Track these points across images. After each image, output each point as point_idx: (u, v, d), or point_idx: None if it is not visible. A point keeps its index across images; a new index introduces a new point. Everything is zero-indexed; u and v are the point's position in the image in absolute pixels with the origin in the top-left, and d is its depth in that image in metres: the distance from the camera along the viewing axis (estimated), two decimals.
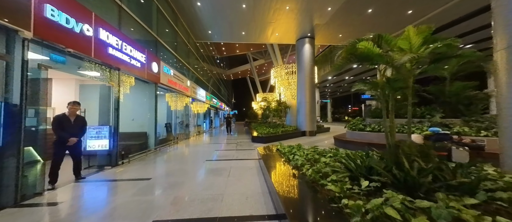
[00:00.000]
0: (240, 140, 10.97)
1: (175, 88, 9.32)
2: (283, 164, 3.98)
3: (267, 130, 11.43)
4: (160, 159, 6.20)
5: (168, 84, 8.52)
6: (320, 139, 11.14)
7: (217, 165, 5.43)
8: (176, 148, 8.24)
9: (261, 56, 34.58)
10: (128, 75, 5.84)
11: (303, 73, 13.03)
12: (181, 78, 10.26)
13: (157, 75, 7.50)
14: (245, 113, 48.62)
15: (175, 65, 10.40)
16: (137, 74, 6.15)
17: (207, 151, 7.56)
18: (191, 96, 12.23)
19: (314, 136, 12.65)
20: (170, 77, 8.76)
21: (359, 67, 18.70)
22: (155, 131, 7.46)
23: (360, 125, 7.84)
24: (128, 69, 5.67)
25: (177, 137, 10.42)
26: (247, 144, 9.39)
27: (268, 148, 6.10)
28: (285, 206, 2.10)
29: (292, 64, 14.90)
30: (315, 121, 13.07)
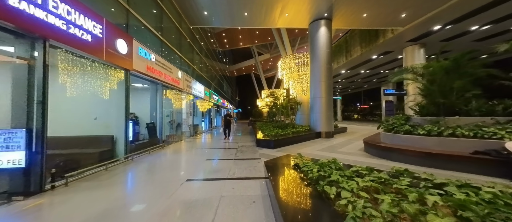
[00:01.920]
0: (242, 143, 8.95)
1: (158, 78, 7.35)
2: (314, 203, 1.93)
3: (275, 131, 9.35)
4: (120, 178, 4.23)
5: (147, 72, 6.56)
6: (341, 142, 8.97)
7: (201, 191, 3.41)
8: (156, 157, 6.29)
9: (266, 50, 32.44)
10: (69, 51, 3.88)
11: (318, 63, 10.85)
12: (168, 68, 8.29)
13: (127, 59, 5.52)
14: (249, 111, 46.67)
15: (162, 52, 8.43)
16: (87, 52, 4.19)
17: (195, 162, 5.56)
18: (184, 90, 10.28)
19: (332, 138, 10.49)
20: (151, 64, 6.79)
21: (380, 57, 16.32)
22: (126, 134, 5.52)
23: (406, 127, 5.65)
24: (66, 41, 3.70)
25: (165, 140, 8.47)
26: (250, 149, 7.35)
27: (280, 162, 4.05)
28: None
29: (304, 53, 12.72)
30: (332, 121, 10.90)
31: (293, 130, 9.86)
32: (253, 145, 8.28)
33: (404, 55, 13.95)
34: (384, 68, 19.95)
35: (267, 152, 6.85)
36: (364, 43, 14.56)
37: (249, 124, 22.59)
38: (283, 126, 10.89)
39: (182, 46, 11.07)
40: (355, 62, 17.73)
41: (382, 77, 24.24)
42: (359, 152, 6.53)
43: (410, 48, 13.53)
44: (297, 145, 8.17)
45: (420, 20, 10.60)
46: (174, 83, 8.88)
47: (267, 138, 8.04)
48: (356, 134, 12.35)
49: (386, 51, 14.96)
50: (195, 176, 4.26)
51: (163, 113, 8.23)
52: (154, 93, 7.85)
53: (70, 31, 3.72)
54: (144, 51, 6.35)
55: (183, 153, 6.92)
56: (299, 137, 9.06)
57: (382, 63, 18.15)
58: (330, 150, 7.08)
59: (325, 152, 6.72)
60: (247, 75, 47.01)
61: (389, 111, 15.95)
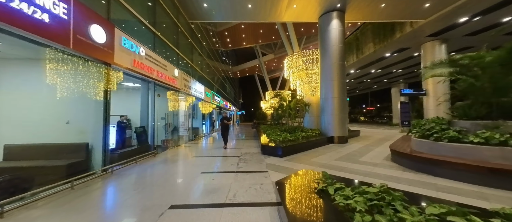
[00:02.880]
0: (245, 149, 7.89)
1: (149, 76, 6.39)
2: None
3: (283, 135, 8.27)
4: (83, 201, 3.21)
5: (134, 67, 5.60)
6: (358, 149, 7.83)
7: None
8: (143, 168, 5.28)
9: (270, 50, 31.49)
10: (15, 33, 2.92)
11: (329, 60, 9.77)
12: (162, 64, 7.34)
13: (107, 50, 4.56)
14: (253, 113, 45.63)
15: (154, 47, 7.49)
16: (44, 37, 3.23)
17: (188, 177, 4.53)
18: (181, 90, 9.32)
19: (346, 143, 9.34)
20: (139, 58, 5.83)
21: (394, 55, 15.13)
22: (104, 141, 4.54)
23: (450, 132, 4.50)
24: (4, 18, 2.74)
25: (157, 146, 7.49)
26: (255, 158, 6.29)
27: (296, 181, 2.99)
28: None
29: (313, 50, 11.66)
30: (346, 124, 9.77)
31: (302, 135, 8.76)
32: (258, 152, 7.22)
33: (423, 52, 12.74)
34: (396, 67, 18.71)
35: (275, 161, 5.78)
36: (378, 39, 13.42)
37: (253, 126, 21.55)
38: (291, 130, 9.80)
39: (180, 42, 10.15)
40: (366, 60, 16.57)
41: (394, 77, 22.93)
42: (387, 163, 5.39)
43: (429, 44, 12.32)
44: (308, 153, 7.07)
45: (445, 11, 9.44)
46: (169, 82, 7.92)
47: (274, 144, 6.97)
48: (371, 138, 11.16)
49: (402, 48, 13.78)
50: (183, 199, 3.22)
51: (156, 115, 7.25)
52: (146, 93, 6.89)
53: (11, 5, 2.76)
54: (130, 43, 5.39)
55: (176, 162, 5.90)
56: (310, 143, 7.95)
57: (396, 61, 16.95)
58: (350, 159, 5.96)
59: (345, 162, 5.61)
60: (250, 76, 46.10)
61: (404, 114, 14.67)
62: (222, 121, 8.75)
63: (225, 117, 8.79)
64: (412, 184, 3.72)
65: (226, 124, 8.71)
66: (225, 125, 8.70)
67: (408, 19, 10.59)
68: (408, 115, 14.66)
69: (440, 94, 11.80)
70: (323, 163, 5.48)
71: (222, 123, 8.74)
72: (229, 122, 8.93)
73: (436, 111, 11.90)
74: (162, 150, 8.07)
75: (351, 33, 17.49)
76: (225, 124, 8.70)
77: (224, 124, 8.71)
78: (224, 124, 8.70)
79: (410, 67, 18.54)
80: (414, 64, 17.65)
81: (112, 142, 5.32)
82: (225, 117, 8.79)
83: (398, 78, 23.47)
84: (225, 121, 8.69)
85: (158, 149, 7.33)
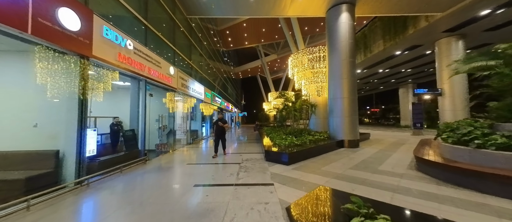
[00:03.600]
0: (247, 155, 7.12)
1: (139, 72, 5.68)
2: None
3: (288, 139, 7.50)
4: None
5: (120, 62, 4.89)
6: (373, 155, 6.99)
7: None
8: (126, 179, 4.54)
9: (273, 50, 30.81)
10: None
11: (338, 57, 8.98)
12: (155, 61, 6.64)
13: (83, 40, 3.86)
14: (255, 115, 44.87)
15: (146, 41, 6.80)
16: None
17: (177, 192, 3.77)
18: (178, 90, 8.61)
19: (357, 147, 8.51)
20: (126, 52, 5.12)
21: (404, 54, 14.26)
22: (80, 148, 3.82)
23: (497, 138, 3.66)
24: None
25: (149, 152, 6.77)
26: (257, 165, 5.51)
27: (315, 209, 2.16)
28: None
29: (320, 47, 10.88)
30: (357, 126, 8.93)
31: (309, 138, 7.96)
32: (261, 158, 6.44)
33: (437, 50, 11.87)
34: (406, 66, 17.81)
35: (281, 170, 4.99)
36: (388, 36, 12.59)
37: (255, 128, 20.79)
38: (297, 133, 9.00)
39: (176, 38, 9.47)
40: (374, 59, 15.72)
41: (402, 77, 21.99)
42: (414, 174, 4.57)
43: (444, 40, 11.46)
44: (317, 159, 6.26)
45: (465, 3, 8.61)
46: (163, 80, 7.21)
47: (280, 149, 6.19)
48: (384, 142, 10.30)
49: (414, 46, 12.93)
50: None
51: (147, 117, 6.52)
52: (136, 92, 6.18)
53: None
54: (114, 34, 4.68)
55: (167, 171, 5.14)
56: (318, 148, 7.14)
57: (405, 60, 16.07)
58: (368, 168, 5.14)
59: (363, 172, 4.80)
60: (253, 78, 45.45)
61: (417, 115, 13.76)
62: (216, 123, 7.00)
63: (220, 119, 7.01)
64: (460, 205, 2.91)
65: (221, 127, 6.90)
66: (220, 129, 6.93)
67: (423, 12, 9.76)
68: (420, 116, 13.76)
69: (457, 94, 10.93)
70: (337, 173, 4.68)
71: (216, 126, 7.01)
72: (226, 125, 6.99)
73: (453, 113, 11.01)
74: (156, 155, 7.35)
75: (359, 30, 16.69)
76: (220, 127, 6.89)
77: (219, 128, 6.91)
78: (219, 127, 6.90)
79: (420, 66, 17.64)
80: (425, 63, 16.76)
81: (92, 148, 4.59)
82: (220, 118, 7.03)
83: (407, 78, 22.53)
84: (220, 123, 6.87)
85: (149, 155, 6.60)
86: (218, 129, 6.99)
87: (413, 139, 11.31)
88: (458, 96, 10.85)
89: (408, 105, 24.24)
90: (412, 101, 15.57)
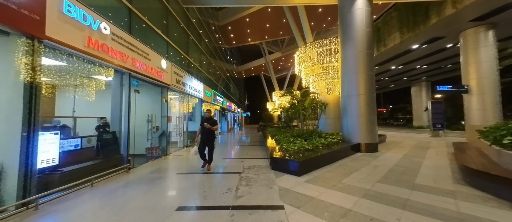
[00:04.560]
0: (249, 161, 6.10)
1: (118, 63, 4.73)
2: None
3: (298, 143, 6.45)
4: None
5: (90, 49, 3.94)
6: (400, 163, 5.87)
7: None
8: (92, 197, 3.58)
9: (277, 48, 29.73)
10: None
11: (354, 49, 7.89)
12: (142, 52, 5.70)
13: (31, 15, 2.90)
14: (259, 115, 43.84)
15: (131, 29, 5.87)
16: None
17: (151, 220, 2.75)
18: (172, 86, 7.66)
19: (376, 152, 7.39)
20: (100, 37, 4.18)
21: (422, 48, 12.99)
22: (28, 159, 2.87)
23: None
24: None
25: (132, 158, 5.82)
26: (262, 176, 4.48)
27: None
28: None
29: (330, 39, 9.79)
30: (375, 128, 7.81)
31: (321, 142, 6.90)
32: (266, 166, 5.41)
33: (462, 42, 10.59)
34: (422, 62, 16.46)
35: (292, 183, 3.95)
36: (406, 27, 11.37)
37: (259, 129, 19.76)
38: (306, 135, 7.93)
39: (171, 29, 8.54)
40: (388, 55, 14.48)
41: (415, 74, 20.58)
42: (468, 191, 3.46)
43: (471, 31, 10.18)
44: (334, 168, 5.19)
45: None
46: (153, 74, 6.27)
47: (288, 156, 5.14)
48: (404, 145, 9.12)
49: (434, 38, 11.67)
50: None
51: (132, 117, 5.57)
52: (118, 88, 5.24)
53: None
54: (81, 12, 3.73)
55: (149, 184, 4.16)
56: (332, 154, 6.05)
57: (422, 55, 14.75)
58: (401, 182, 4.05)
59: (398, 188, 3.71)
60: (256, 76, 44.44)
61: (437, 115, 12.48)
62: (202, 124, 5.12)
63: (208, 119, 5.17)
64: None
65: (208, 131, 5.05)
66: (207, 133, 5.07)
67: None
68: (441, 116, 12.50)
69: (487, 91, 9.66)
70: (365, 190, 3.61)
71: (202, 128, 5.14)
72: (215, 127, 5.11)
73: (482, 112, 9.75)
74: (146, 160, 6.41)
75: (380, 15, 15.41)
76: (206, 130, 5.04)
77: (206, 131, 5.06)
78: (206, 130, 5.05)
79: (437, 62, 16.28)
80: (443, 58, 15.41)
81: (52, 156, 3.64)
82: (208, 118, 5.20)
83: (420, 76, 21.10)
84: (207, 124, 5.00)
85: (138, 161, 5.65)
86: (205, 132, 5.10)
87: (436, 142, 10.09)
88: (488, 93, 9.57)
89: (421, 104, 22.81)
90: (430, 99, 14.22)
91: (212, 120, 5.24)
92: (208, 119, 5.21)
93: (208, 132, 5.14)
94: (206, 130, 5.11)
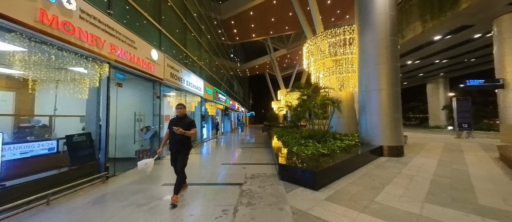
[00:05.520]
0: (252, 167, 5.12)
1: (88, 48, 3.83)
2: None
3: (311, 147, 5.44)
4: None
5: (45, 26, 3.04)
6: (439, 170, 4.77)
7: None
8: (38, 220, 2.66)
9: (283, 44, 28.66)
10: None
11: (374, 35, 6.80)
12: (125, 37, 4.80)
13: None
14: (264, 115, 42.82)
15: (109, 4, 4.98)
16: None
17: None
18: (166, 81, 6.76)
19: (402, 156, 6.28)
20: (62, 13, 3.28)
21: (446, 39, 11.68)
22: None
23: None
24: None
25: (107, 166, 4.93)
26: (268, 190, 3.49)
27: None
28: None
29: (344, 27, 8.69)
30: (401, 128, 6.68)
31: (338, 144, 5.85)
32: (273, 175, 4.42)
33: (496, 30, 9.29)
34: (442, 56, 15.07)
35: (309, 203, 2.95)
36: (430, 15, 10.14)
37: (264, 129, 18.77)
38: (318, 136, 6.88)
39: (165, 17, 7.66)
40: (405, 47, 13.20)
41: (433, 70, 19.09)
42: None
43: (508, 16, 8.88)
44: (358, 178, 4.15)
45: None
46: (140, 66, 5.37)
47: (301, 163, 4.14)
48: (430, 147, 7.94)
49: (462, 27, 10.37)
50: None
51: (113, 115, 4.67)
52: (94, 80, 4.34)
53: None
54: None
55: (124, 201, 3.23)
56: (353, 160, 5.00)
57: (444, 48, 13.39)
58: (458, 201, 2.98)
59: (453, 210, 2.67)
60: (260, 75, 43.43)
61: (463, 114, 11.17)
62: (169, 127, 3.28)
63: (181, 117, 3.34)
64: None
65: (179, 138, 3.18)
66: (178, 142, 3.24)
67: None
68: (467, 115, 11.18)
69: None
70: (415, 214, 2.57)
71: (170, 132, 3.29)
72: (191, 131, 3.23)
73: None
74: (133, 165, 5.51)
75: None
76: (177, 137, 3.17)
77: (176, 138, 3.22)
78: (176, 138, 3.20)
79: (460, 55, 14.84)
80: (467, 51, 14.00)
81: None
82: (181, 116, 3.34)
83: (438, 72, 19.57)
84: (177, 129, 3.03)
85: (114, 169, 4.75)
86: (175, 140, 3.24)
87: (467, 144, 8.84)
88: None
89: (438, 103, 21.30)
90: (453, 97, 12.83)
91: (187, 120, 3.29)
92: (180, 120, 3.27)
93: (180, 139, 3.17)
94: (177, 137, 3.13)
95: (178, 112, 3.37)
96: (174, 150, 3.33)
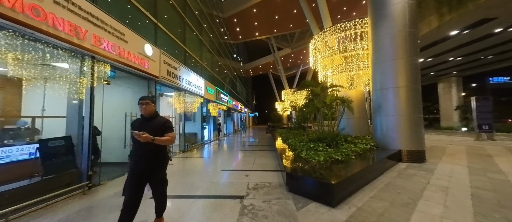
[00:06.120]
0: (255, 175, 4.51)
1: (65, 38, 3.30)
2: None
3: (323, 151, 4.81)
4: None
5: (6, 8, 2.50)
6: (475, 179, 4.08)
7: None
8: None
9: (287, 43, 28.01)
10: None
11: (390, 27, 6.14)
12: (113, 29, 4.27)
13: None
14: (267, 116, 42.16)
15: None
16: None
17: None
18: (161, 79, 6.23)
19: (424, 162, 5.58)
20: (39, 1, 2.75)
21: (463, 34, 10.88)
22: None
23: None
24: None
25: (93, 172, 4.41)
26: (274, 207, 2.88)
27: None
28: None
29: (355, 21, 8.03)
30: (422, 130, 5.99)
31: (352, 149, 5.20)
32: (280, 185, 3.80)
33: None
34: (457, 53, 14.20)
35: None
36: (448, 7, 9.38)
37: (268, 130, 18.15)
38: (328, 139, 6.22)
39: (161, 10, 7.15)
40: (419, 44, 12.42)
41: (445, 69, 18.17)
42: None
43: None
44: (378, 190, 3.50)
45: None
46: (132, 61, 4.84)
47: (313, 172, 3.52)
48: (453, 151, 7.19)
49: (482, 20, 9.60)
50: None
51: (92, 116, 4.12)
52: (76, 76, 3.82)
53: None
54: None
55: (102, 219, 2.68)
56: (372, 168, 4.35)
57: (460, 44, 12.56)
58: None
59: None
60: (264, 76, 42.83)
61: (483, 114, 10.33)
62: (131, 133, 2.04)
63: (148, 118, 2.20)
64: None
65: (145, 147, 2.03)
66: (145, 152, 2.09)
67: None
68: (489, 116, 10.34)
69: None
70: None
71: (133, 140, 2.12)
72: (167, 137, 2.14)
73: None
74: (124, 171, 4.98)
75: None
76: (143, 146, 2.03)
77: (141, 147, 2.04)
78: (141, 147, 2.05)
79: (477, 52, 13.96)
80: (485, 47, 13.12)
81: None
82: (148, 116, 2.20)
83: (451, 70, 18.64)
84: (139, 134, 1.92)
85: (99, 178, 4.21)
86: (140, 150, 2.10)
87: (492, 147, 8.03)
88: None
89: (450, 103, 20.31)
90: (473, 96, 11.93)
91: (157, 121, 2.22)
92: (148, 121, 2.21)
93: (149, 150, 2.10)
94: (144, 148, 2.06)
95: (142, 109, 2.16)
96: (139, 167, 2.07)
